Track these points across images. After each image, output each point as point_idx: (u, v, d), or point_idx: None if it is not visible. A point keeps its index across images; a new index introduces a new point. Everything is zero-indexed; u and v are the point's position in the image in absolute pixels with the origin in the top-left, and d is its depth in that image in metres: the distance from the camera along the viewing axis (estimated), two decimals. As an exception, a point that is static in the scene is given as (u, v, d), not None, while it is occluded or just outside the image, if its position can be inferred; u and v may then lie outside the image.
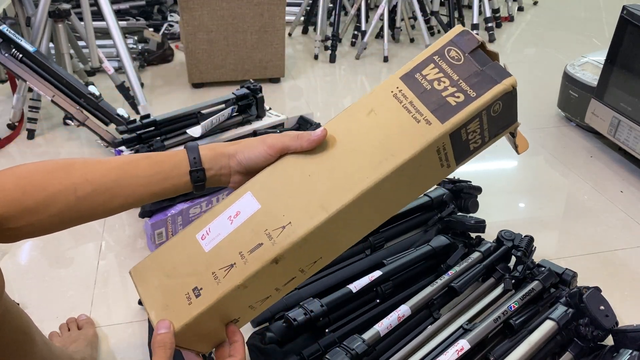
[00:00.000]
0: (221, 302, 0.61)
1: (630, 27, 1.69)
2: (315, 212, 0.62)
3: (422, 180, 0.67)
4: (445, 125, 0.61)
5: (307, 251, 0.63)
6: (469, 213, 1.45)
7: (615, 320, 1.08)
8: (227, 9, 2.22)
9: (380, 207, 0.68)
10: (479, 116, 0.63)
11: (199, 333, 0.63)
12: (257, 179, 0.68)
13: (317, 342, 1.04)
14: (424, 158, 0.63)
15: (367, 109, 0.67)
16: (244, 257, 0.62)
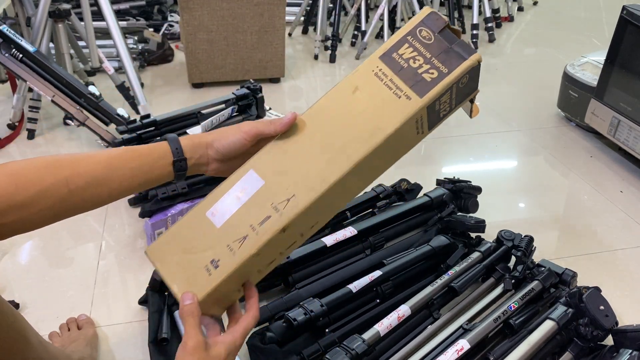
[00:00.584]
0: (238, 270, 0.68)
1: (630, 27, 1.69)
2: (315, 183, 0.69)
3: (401, 148, 0.77)
4: (424, 99, 0.71)
5: (309, 218, 0.71)
6: (469, 213, 1.45)
7: (615, 320, 1.08)
8: (227, 9, 2.22)
9: (369, 174, 0.76)
10: (450, 89, 0.72)
11: (217, 299, 0.70)
12: (257, 157, 0.73)
13: (317, 342, 1.04)
14: (406, 129, 0.72)
15: (352, 87, 0.74)
16: (255, 229, 0.69)
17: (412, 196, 1.50)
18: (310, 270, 1.24)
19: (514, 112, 2.23)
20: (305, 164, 0.71)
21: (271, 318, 1.12)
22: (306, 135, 0.73)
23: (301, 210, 0.69)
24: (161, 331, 1.08)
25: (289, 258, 1.20)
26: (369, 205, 1.45)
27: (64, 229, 1.45)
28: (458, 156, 1.92)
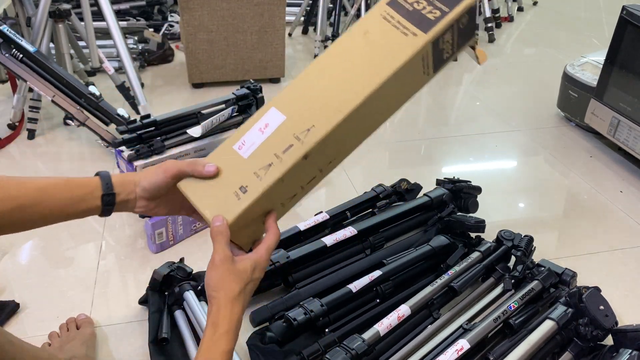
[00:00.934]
0: (264, 195, 0.74)
1: (629, 27, 1.70)
2: (333, 114, 0.75)
3: (410, 86, 0.83)
4: (429, 34, 0.77)
5: (328, 149, 0.77)
6: (469, 213, 1.45)
7: (615, 320, 1.08)
8: (227, 9, 2.22)
9: (382, 108, 0.81)
10: (452, 28, 0.79)
11: (245, 225, 0.76)
12: (278, 97, 0.79)
13: (317, 341, 1.05)
14: (414, 64, 0.78)
15: (363, 30, 0.80)
16: (279, 157, 0.75)
17: (412, 196, 1.50)
18: (310, 270, 1.24)
19: (514, 112, 2.23)
20: (323, 98, 0.76)
21: (271, 318, 1.12)
22: (323, 72, 0.79)
23: (321, 137, 0.74)
24: (161, 331, 1.08)
25: (288, 258, 1.20)
26: (369, 205, 1.45)
27: (64, 229, 1.46)
28: (458, 156, 1.92)
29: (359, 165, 1.53)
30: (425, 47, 0.77)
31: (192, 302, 1.13)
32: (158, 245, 1.36)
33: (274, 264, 1.18)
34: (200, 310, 1.11)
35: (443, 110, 2.30)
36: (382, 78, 0.75)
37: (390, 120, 2.32)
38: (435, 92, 2.48)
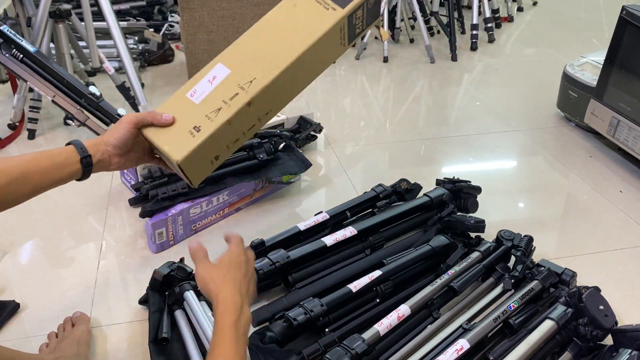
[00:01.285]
0: (214, 134, 0.88)
1: (629, 27, 1.70)
2: (271, 69, 0.92)
3: (330, 53, 1.01)
4: (345, 9, 0.95)
5: (267, 99, 0.94)
6: (469, 213, 1.45)
7: (615, 320, 1.08)
8: (228, 9, 2.22)
9: (309, 68, 1.01)
10: (363, 6, 0.98)
11: (199, 159, 0.89)
12: (222, 54, 0.98)
13: (317, 341, 1.05)
14: (332, 33, 0.96)
15: (292, 4, 1.00)
16: (226, 103, 0.90)
17: (412, 196, 1.50)
18: (310, 270, 1.24)
19: (513, 112, 2.23)
20: (262, 56, 0.94)
21: (271, 318, 1.12)
22: (261, 36, 0.99)
23: (262, 87, 0.91)
24: (161, 331, 1.09)
25: (288, 258, 1.20)
26: (369, 205, 1.45)
27: (64, 229, 1.46)
28: (458, 156, 1.93)
29: (359, 165, 1.53)
30: (342, 20, 0.96)
31: (192, 302, 1.13)
32: (158, 245, 1.36)
33: (274, 263, 1.18)
34: (200, 310, 1.11)
35: (443, 110, 2.30)
36: (309, 42, 0.94)
37: (390, 120, 2.33)
38: (435, 92, 2.48)
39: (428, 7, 3.15)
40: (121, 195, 1.58)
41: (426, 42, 2.76)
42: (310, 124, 1.79)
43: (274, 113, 1.01)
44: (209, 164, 0.94)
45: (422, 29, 2.81)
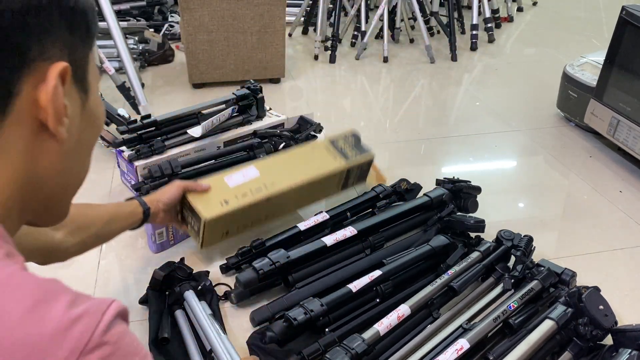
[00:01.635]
0: (237, 211, 1.23)
1: (629, 27, 1.70)
2: (288, 181, 1.31)
3: (326, 189, 1.41)
4: (346, 163, 1.39)
5: (277, 201, 1.29)
6: (469, 213, 1.45)
7: (615, 320, 1.08)
8: (228, 9, 2.22)
9: (307, 195, 1.37)
10: (359, 166, 1.43)
11: (216, 227, 1.23)
12: (256, 162, 1.37)
13: (317, 341, 1.05)
14: (333, 176, 1.38)
15: (312, 147, 1.43)
16: (251, 192, 1.27)
17: (412, 196, 1.50)
18: (310, 270, 1.24)
19: (513, 112, 2.23)
20: (283, 172, 1.33)
21: (271, 318, 1.12)
22: (286, 160, 1.39)
23: (278, 190, 1.28)
24: (162, 331, 1.09)
25: (288, 258, 1.20)
26: (369, 205, 1.46)
27: (64, 229, 1.46)
28: (458, 156, 1.93)
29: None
30: (343, 169, 1.38)
31: (193, 302, 1.13)
32: (158, 245, 1.36)
33: (274, 263, 1.18)
34: (200, 310, 1.11)
35: (443, 110, 2.30)
36: (316, 175, 1.34)
37: (390, 120, 2.33)
38: (435, 92, 2.48)
39: (428, 7, 3.15)
40: (121, 195, 1.58)
41: (426, 42, 2.76)
42: (310, 124, 1.79)
43: (276, 217, 1.36)
44: (221, 234, 1.27)
45: (422, 29, 2.81)
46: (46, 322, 0.39)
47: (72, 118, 0.47)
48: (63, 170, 0.49)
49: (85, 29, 0.48)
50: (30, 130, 0.44)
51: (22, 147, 0.44)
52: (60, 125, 0.45)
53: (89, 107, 0.50)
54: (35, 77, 0.43)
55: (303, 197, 1.35)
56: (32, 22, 0.42)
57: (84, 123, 0.49)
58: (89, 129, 0.51)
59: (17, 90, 0.42)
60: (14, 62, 0.42)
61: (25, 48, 0.42)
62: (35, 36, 0.43)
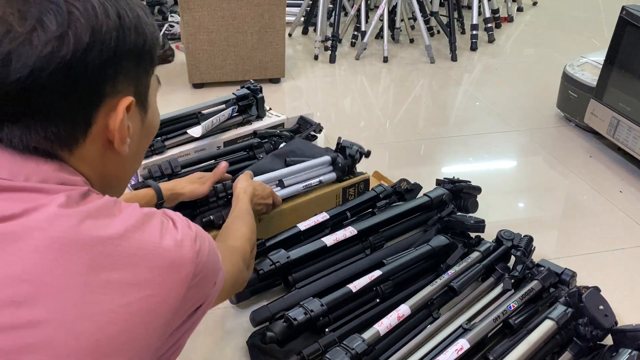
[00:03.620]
0: None
1: (629, 27, 1.70)
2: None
3: (328, 204, 1.46)
4: (342, 184, 1.48)
5: (273, 222, 1.35)
6: (469, 213, 1.45)
7: (615, 320, 1.08)
8: (228, 9, 2.22)
9: (314, 207, 1.41)
10: (355, 185, 1.50)
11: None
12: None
13: (317, 341, 1.05)
14: (330, 195, 1.46)
15: None
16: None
17: (412, 196, 1.50)
18: (310, 270, 1.24)
19: (513, 112, 2.23)
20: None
21: (271, 318, 1.12)
22: None
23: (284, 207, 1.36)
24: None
25: (288, 258, 1.20)
26: (369, 205, 1.45)
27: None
28: (458, 156, 1.93)
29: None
30: (339, 188, 1.47)
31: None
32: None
33: (274, 263, 1.18)
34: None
35: (443, 110, 2.30)
36: (314, 195, 1.42)
37: (390, 120, 2.33)
38: (435, 92, 2.48)
39: (428, 7, 3.15)
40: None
41: (426, 42, 2.76)
42: (310, 124, 1.79)
43: (271, 234, 1.32)
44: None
45: (422, 29, 2.81)
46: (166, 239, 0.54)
47: (133, 135, 0.59)
48: (126, 169, 0.63)
49: (150, 61, 0.59)
50: (102, 146, 0.57)
51: (97, 157, 0.57)
52: (124, 144, 0.57)
53: (147, 121, 0.62)
54: (107, 108, 0.55)
55: (299, 214, 1.37)
56: (109, 71, 0.53)
57: (143, 134, 0.62)
58: (147, 138, 0.64)
59: (94, 121, 0.54)
60: (94, 100, 0.53)
61: (102, 89, 0.54)
62: (111, 79, 0.54)
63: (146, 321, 0.50)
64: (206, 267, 0.56)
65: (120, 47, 0.53)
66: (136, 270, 0.50)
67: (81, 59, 0.50)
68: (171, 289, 0.52)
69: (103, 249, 0.49)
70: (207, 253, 0.57)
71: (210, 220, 1.26)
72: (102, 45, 0.51)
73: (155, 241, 0.52)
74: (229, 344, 1.12)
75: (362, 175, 1.51)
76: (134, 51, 0.55)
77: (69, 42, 0.49)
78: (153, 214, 0.55)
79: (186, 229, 0.56)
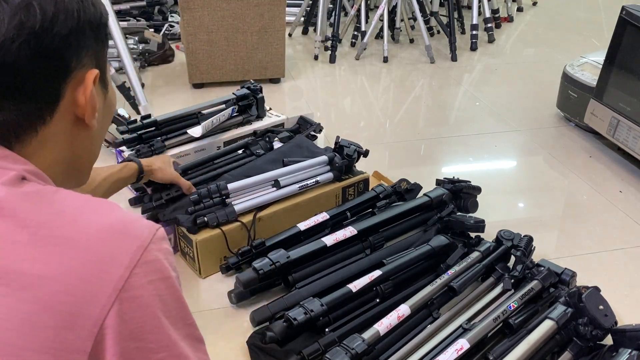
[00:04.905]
0: (231, 231, 1.30)
1: (629, 27, 1.70)
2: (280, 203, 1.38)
3: (328, 203, 1.45)
4: (341, 183, 1.47)
5: (273, 222, 1.35)
6: (469, 213, 1.45)
7: (615, 320, 1.08)
8: (228, 9, 2.22)
9: (314, 207, 1.41)
10: (355, 185, 1.50)
11: (214, 251, 1.30)
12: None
13: (317, 341, 1.05)
14: (330, 195, 1.45)
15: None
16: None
17: (412, 196, 1.50)
18: (310, 270, 1.24)
19: (513, 112, 2.23)
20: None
21: (271, 318, 1.12)
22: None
23: (270, 211, 1.35)
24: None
25: (288, 258, 1.20)
26: (369, 205, 1.45)
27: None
28: (458, 156, 1.93)
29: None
30: (338, 188, 1.47)
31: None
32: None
33: (274, 263, 1.18)
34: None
35: (443, 110, 2.30)
36: (313, 195, 1.42)
37: (390, 120, 2.33)
38: (435, 92, 2.48)
39: (428, 7, 3.15)
40: (121, 194, 1.58)
41: (426, 42, 2.76)
42: (310, 124, 1.79)
43: (273, 233, 1.33)
44: (219, 259, 1.31)
45: (422, 29, 2.81)
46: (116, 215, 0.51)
47: (98, 111, 0.58)
48: (91, 149, 0.63)
49: (105, 36, 0.59)
50: (70, 123, 0.56)
51: (64, 135, 0.56)
52: (94, 118, 0.57)
53: (108, 98, 0.62)
54: (74, 82, 0.55)
55: (299, 214, 1.37)
56: (74, 42, 0.53)
57: (105, 112, 0.62)
58: (107, 116, 0.64)
59: (62, 95, 0.54)
60: (61, 73, 0.53)
61: (68, 62, 0.53)
62: (75, 51, 0.54)
63: None
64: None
65: (82, 18, 0.53)
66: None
67: (49, 29, 0.50)
68: None
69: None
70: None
71: (205, 222, 1.26)
72: (66, 15, 0.52)
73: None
74: (229, 344, 1.12)
75: (362, 175, 1.51)
76: (94, 23, 0.55)
77: (35, 12, 0.49)
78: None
79: None
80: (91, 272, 0.46)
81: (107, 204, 0.52)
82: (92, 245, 0.47)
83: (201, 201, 1.29)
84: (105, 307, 0.45)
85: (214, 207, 1.30)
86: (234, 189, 1.33)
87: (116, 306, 0.45)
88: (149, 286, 0.48)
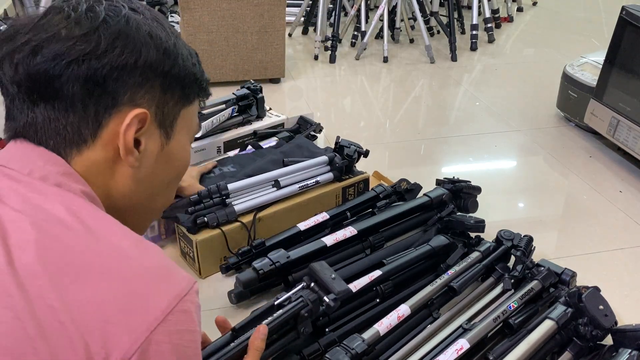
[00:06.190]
0: (231, 231, 1.30)
1: (629, 27, 1.70)
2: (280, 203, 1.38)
3: (329, 202, 1.46)
4: (341, 183, 1.48)
5: (273, 221, 1.36)
6: (469, 213, 1.45)
7: (615, 320, 1.08)
8: (228, 9, 2.22)
9: (314, 206, 1.42)
10: (355, 185, 1.50)
11: (214, 251, 1.30)
12: None
13: (317, 341, 1.05)
14: (330, 195, 1.46)
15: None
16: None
17: (412, 196, 1.50)
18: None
19: (513, 112, 2.23)
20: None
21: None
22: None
23: (270, 211, 1.35)
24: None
25: (288, 258, 1.20)
26: (369, 205, 1.45)
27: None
28: (458, 156, 1.93)
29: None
30: (338, 188, 1.47)
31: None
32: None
33: (274, 263, 1.18)
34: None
35: (443, 110, 2.30)
36: (313, 195, 1.42)
37: (390, 120, 2.33)
38: (435, 92, 2.48)
39: (428, 7, 3.15)
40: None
41: (426, 42, 2.76)
42: (310, 124, 1.79)
43: (272, 233, 1.33)
44: (219, 259, 1.31)
45: (422, 29, 2.81)
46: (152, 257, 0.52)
47: (148, 153, 0.60)
48: (133, 192, 0.62)
49: (180, 91, 0.61)
50: (111, 154, 0.58)
51: (104, 164, 0.58)
52: (130, 155, 0.58)
53: (168, 150, 0.63)
54: (121, 116, 0.56)
55: (299, 215, 1.37)
56: (126, 78, 0.56)
57: (160, 160, 0.62)
58: (164, 167, 0.64)
59: (105, 123, 0.56)
60: (106, 102, 0.56)
61: (116, 94, 0.56)
62: (128, 88, 0.56)
63: None
64: None
65: (141, 60, 0.56)
66: None
67: (100, 57, 0.54)
68: None
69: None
70: None
71: (205, 222, 1.26)
72: (123, 50, 0.55)
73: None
74: (229, 344, 1.12)
75: (362, 175, 1.51)
76: (158, 71, 0.58)
77: (91, 38, 0.54)
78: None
79: None
80: (130, 306, 0.47)
81: (155, 247, 0.54)
82: (136, 280, 0.49)
83: (201, 201, 1.29)
84: (134, 343, 0.46)
85: (214, 207, 1.29)
86: (234, 189, 1.33)
87: (143, 345, 0.47)
88: (176, 335, 0.49)
